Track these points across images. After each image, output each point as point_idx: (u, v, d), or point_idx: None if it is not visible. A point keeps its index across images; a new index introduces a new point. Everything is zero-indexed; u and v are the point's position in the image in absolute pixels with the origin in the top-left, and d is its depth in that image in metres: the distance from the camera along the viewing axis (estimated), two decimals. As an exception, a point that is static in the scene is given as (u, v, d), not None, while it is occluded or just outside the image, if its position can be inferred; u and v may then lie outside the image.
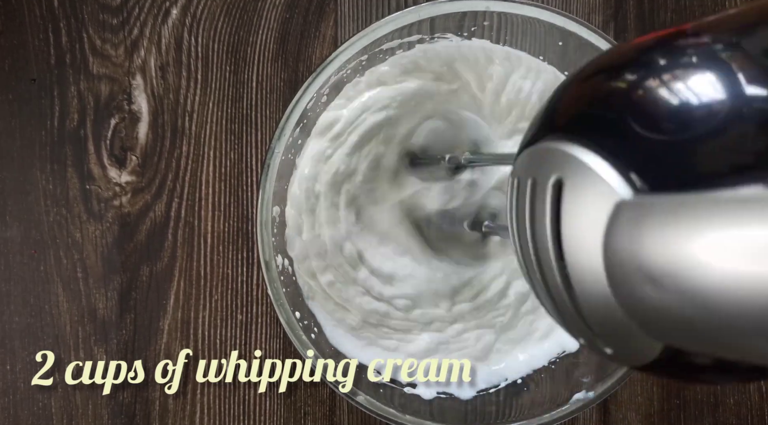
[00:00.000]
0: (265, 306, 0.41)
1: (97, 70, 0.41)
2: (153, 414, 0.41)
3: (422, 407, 0.37)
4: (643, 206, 0.15)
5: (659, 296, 0.14)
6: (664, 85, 0.15)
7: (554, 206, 0.17)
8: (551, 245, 0.18)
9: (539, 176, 0.18)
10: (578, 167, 0.16)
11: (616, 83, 0.17)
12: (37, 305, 0.41)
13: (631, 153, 0.15)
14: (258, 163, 0.41)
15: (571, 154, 0.17)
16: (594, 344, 0.19)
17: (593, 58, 0.19)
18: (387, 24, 0.33)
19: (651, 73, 0.16)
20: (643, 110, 0.15)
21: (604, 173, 0.15)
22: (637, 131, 0.15)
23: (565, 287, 0.18)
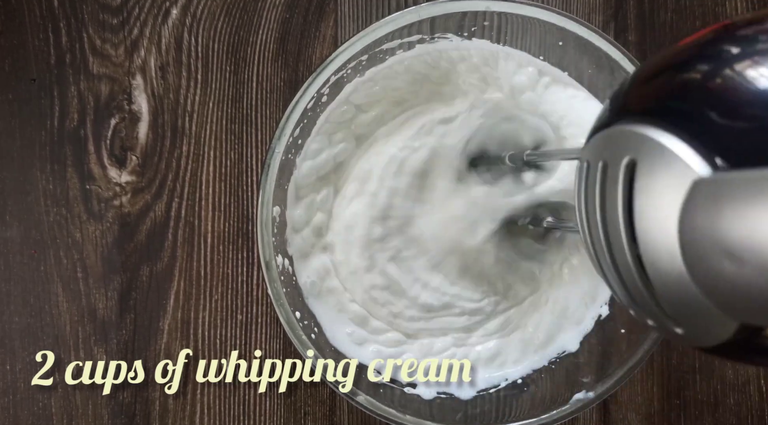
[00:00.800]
0: (265, 306, 0.41)
1: (97, 70, 0.41)
2: (153, 414, 0.41)
3: (422, 407, 0.37)
4: (721, 181, 0.15)
5: (738, 272, 0.14)
6: (739, 72, 0.16)
7: (627, 187, 0.18)
8: (623, 226, 0.18)
9: (611, 158, 0.19)
10: (653, 147, 0.17)
11: (691, 71, 0.17)
12: (37, 305, 0.41)
13: (708, 132, 0.16)
14: (258, 163, 0.41)
15: (646, 135, 0.17)
16: (665, 325, 0.19)
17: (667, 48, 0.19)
18: (387, 24, 0.33)
19: (724, 62, 0.16)
20: (720, 96, 0.16)
21: (681, 152, 0.16)
22: (715, 113, 0.16)
23: (637, 269, 0.18)
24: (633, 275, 0.18)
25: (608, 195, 0.19)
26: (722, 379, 0.42)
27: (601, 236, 0.19)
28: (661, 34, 0.42)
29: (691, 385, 0.42)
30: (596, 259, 0.21)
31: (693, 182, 0.15)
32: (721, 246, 0.14)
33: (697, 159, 0.15)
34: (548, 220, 0.35)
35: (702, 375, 0.42)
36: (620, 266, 0.19)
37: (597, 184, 0.19)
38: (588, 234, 0.21)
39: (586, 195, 0.20)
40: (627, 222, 0.18)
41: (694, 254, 0.15)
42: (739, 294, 0.15)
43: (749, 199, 0.14)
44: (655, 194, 0.17)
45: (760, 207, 0.14)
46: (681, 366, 0.42)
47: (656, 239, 0.17)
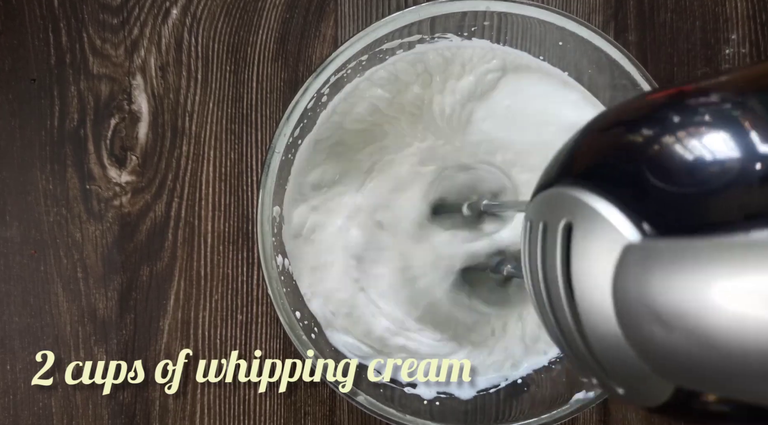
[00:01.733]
0: (265, 306, 0.41)
1: (97, 70, 0.41)
2: (153, 414, 0.41)
3: (422, 407, 0.37)
4: (650, 248, 0.15)
5: (668, 337, 0.14)
6: (676, 141, 0.16)
7: (564, 249, 0.18)
8: (562, 286, 0.18)
9: (550, 220, 0.19)
10: (587, 211, 0.17)
11: (629, 136, 0.18)
12: (37, 305, 0.41)
13: (640, 199, 0.16)
14: (258, 163, 0.41)
15: (581, 199, 0.17)
16: (607, 384, 0.19)
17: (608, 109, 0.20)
18: (387, 24, 0.33)
19: (663, 129, 0.16)
20: (654, 163, 0.16)
21: (613, 218, 0.16)
22: (648, 180, 0.16)
23: (576, 328, 0.18)
24: (573, 335, 0.18)
25: (548, 257, 0.19)
26: (722, 379, 0.42)
27: (543, 294, 0.20)
28: (661, 34, 0.42)
29: (691, 385, 0.42)
30: (540, 316, 0.21)
31: (623, 248, 0.15)
32: (651, 311, 0.15)
33: (627, 225, 0.16)
34: (508, 268, 0.36)
35: (702, 375, 0.42)
36: (562, 325, 0.19)
37: (538, 244, 0.20)
38: (532, 291, 0.21)
39: (530, 253, 0.21)
40: (566, 284, 0.18)
41: (628, 319, 0.16)
42: (669, 359, 0.15)
43: (675, 267, 0.14)
44: (589, 257, 0.17)
45: (685, 275, 0.14)
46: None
47: (593, 302, 0.17)
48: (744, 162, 0.14)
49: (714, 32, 0.42)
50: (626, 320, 0.16)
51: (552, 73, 0.37)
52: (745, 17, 0.41)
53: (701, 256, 0.14)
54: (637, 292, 0.15)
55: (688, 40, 0.42)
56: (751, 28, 0.41)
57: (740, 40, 0.41)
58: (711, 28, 0.42)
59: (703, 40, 0.42)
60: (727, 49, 0.42)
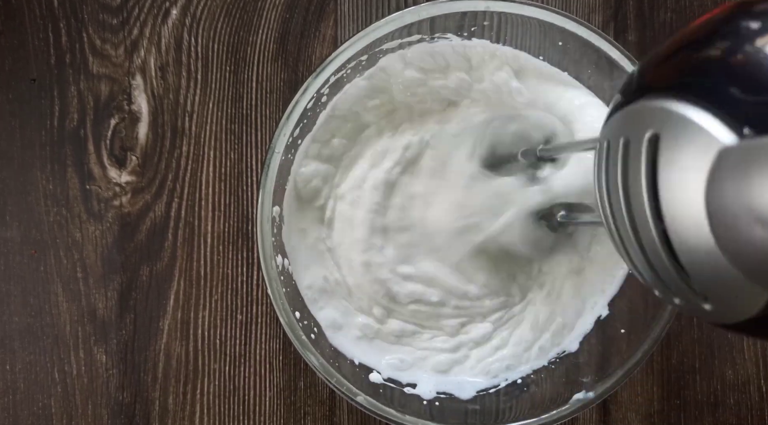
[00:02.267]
0: (265, 306, 0.41)
1: (97, 70, 0.41)
2: (153, 414, 0.41)
3: (422, 407, 0.37)
4: (748, 148, 0.15)
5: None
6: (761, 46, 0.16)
7: (650, 162, 0.18)
8: (647, 202, 0.18)
9: (632, 135, 0.18)
10: (676, 119, 0.17)
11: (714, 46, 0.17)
12: (37, 305, 0.41)
13: (732, 103, 0.16)
14: (258, 163, 0.41)
15: (668, 108, 0.17)
16: (693, 302, 0.18)
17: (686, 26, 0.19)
18: (387, 24, 0.33)
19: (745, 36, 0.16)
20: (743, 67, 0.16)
21: (705, 123, 0.16)
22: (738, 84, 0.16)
23: (663, 245, 0.18)
24: (659, 252, 0.18)
25: (631, 172, 0.19)
26: (722, 379, 0.42)
27: (625, 215, 0.19)
28: (661, 34, 0.42)
29: (691, 385, 0.42)
30: (620, 240, 0.21)
31: (719, 152, 0.15)
32: (751, 212, 0.14)
33: (722, 129, 0.15)
34: (561, 214, 0.35)
35: (702, 375, 0.42)
36: (645, 244, 0.19)
37: (619, 162, 0.19)
38: (610, 216, 0.21)
39: (607, 175, 0.20)
40: (651, 198, 0.18)
41: (723, 224, 0.15)
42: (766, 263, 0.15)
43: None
44: (680, 166, 0.17)
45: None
46: (681, 366, 0.42)
47: (683, 212, 0.17)
48: None
49: (714, 32, 0.42)
50: (721, 226, 0.15)
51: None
52: (744, 17, 0.41)
53: None
54: (736, 195, 0.15)
55: (688, 40, 0.42)
56: (750, 28, 0.41)
57: (740, 40, 0.41)
58: (711, 28, 0.42)
59: (703, 40, 0.42)
60: (727, 49, 0.41)
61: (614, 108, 0.20)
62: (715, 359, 0.42)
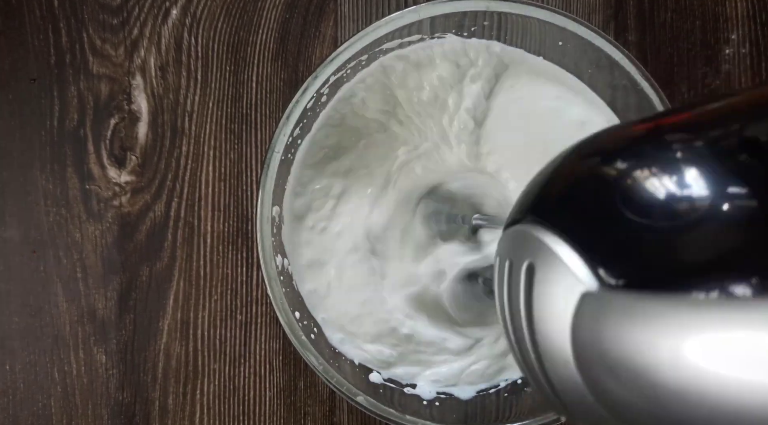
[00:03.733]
0: (265, 306, 0.41)
1: (97, 70, 0.41)
2: (153, 414, 0.41)
3: (422, 407, 0.37)
4: (605, 299, 0.15)
5: (619, 387, 0.14)
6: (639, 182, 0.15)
7: (527, 291, 0.18)
8: (525, 327, 0.18)
9: (515, 259, 0.19)
10: (548, 254, 0.17)
11: (593, 173, 0.17)
12: (37, 305, 0.41)
13: (600, 244, 0.16)
14: (258, 163, 0.41)
15: (543, 241, 0.17)
16: (573, 420, 0.19)
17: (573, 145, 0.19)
18: (387, 24, 0.33)
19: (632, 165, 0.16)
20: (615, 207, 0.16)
21: (572, 263, 0.16)
22: (609, 223, 0.16)
23: (539, 367, 0.18)
24: (537, 373, 0.18)
25: (513, 295, 0.19)
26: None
27: (511, 332, 0.20)
28: (661, 33, 0.42)
29: (691, 385, 0.42)
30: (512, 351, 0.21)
31: (581, 295, 0.15)
32: (604, 362, 0.15)
33: (586, 271, 0.15)
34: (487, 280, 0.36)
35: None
36: (527, 361, 0.19)
37: (504, 282, 0.20)
38: (503, 325, 0.21)
39: (498, 290, 0.21)
40: (529, 324, 0.18)
41: (585, 365, 0.16)
42: (622, 407, 0.15)
43: (626, 321, 0.14)
44: (550, 302, 0.17)
45: (636, 331, 0.14)
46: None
47: (553, 346, 0.17)
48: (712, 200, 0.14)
49: (714, 32, 0.42)
50: (584, 367, 0.16)
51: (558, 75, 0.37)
52: (745, 17, 0.41)
53: (653, 312, 0.14)
54: (591, 342, 0.15)
55: (688, 40, 0.42)
56: (751, 28, 0.41)
57: (740, 40, 0.41)
58: (711, 28, 0.42)
59: (703, 40, 0.42)
60: (727, 49, 0.41)
61: (508, 222, 0.21)
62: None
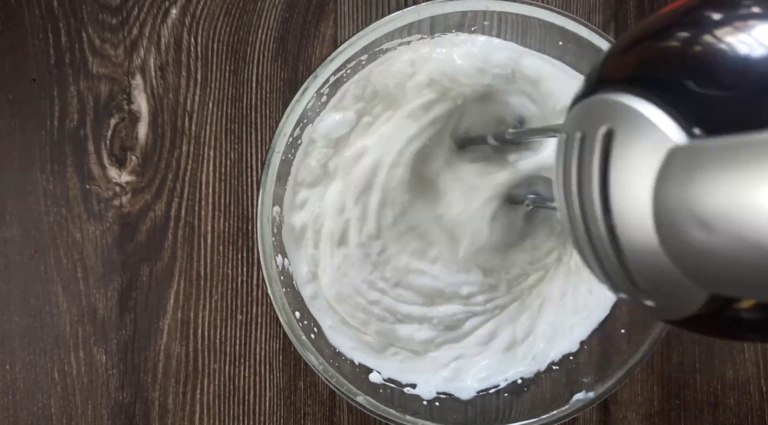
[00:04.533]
0: (265, 306, 0.41)
1: (96, 70, 0.41)
2: (153, 414, 0.41)
3: (422, 407, 0.37)
4: (697, 149, 0.15)
5: (708, 240, 0.14)
6: (718, 40, 0.15)
7: (603, 157, 0.18)
8: (597, 196, 0.18)
9: (588, 128, 0.18)
10: (630, 115, 0.16)
11: (671, 39, 0.17)
12: (37, 305, 0.41)
13: (687, 100, 0.16)
14: (258, 163, 0.41)
15: (623, 103, 0.17)
16: (636, 297, 0.19)
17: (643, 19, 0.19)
18: (387, 24, 0.33)
19: (704, 29, 0.16)
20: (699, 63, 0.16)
21: (658, 120, 0.16)
22: (694, 81, 0.15)
23: (610, 240, 0.18)
24: (606, 246, 0.18)
25: (584, 166, 0.19)
26: (722, 379, 0.42)
27: (577, 207, 0.19)
28: (661, 33, 0.42)
29: (691, 385, 0.42)
30: (572, 231, 0.21)
31: (669, 150, 0.15)
32: (693, 214, 0.14)
33: (674, 127, 0.15)
34: (530, 197, 0.35)
35: (702, 375, 0.42)
36: (594, 238, 0.19)
37: (574, 155, 0.19)
38: (565, 207, 0.21)
39: (564, 167, 0.20)
40: (602, 192, 0.18)
41: (667, 223, 0.15)
42: (708, 263, 0.15)
43: (722, 166, 0.14)
44: (630, 163, 0.17)
45: (733, 174, 0.14)
46: (681, 366, 0.42)
47: (630, 209, 0.17)
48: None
49: (714, 32, 0.42)
50: (665, 225, 0.15)
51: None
52: (745, 17, 0.41)
53: (750, 153, 0.13)
54: (680, 195, 0.15)
55: (688, 39, 0.42)
56: (751, 28, 0.41)
57: (740, 39, 0.41)
58: (711, 27, 0.42)
59: (703, 40, 0.42)
60: (727, 48, 0.41)
61: (576, 99, 0.20)
62: (715, 359, 0.42)
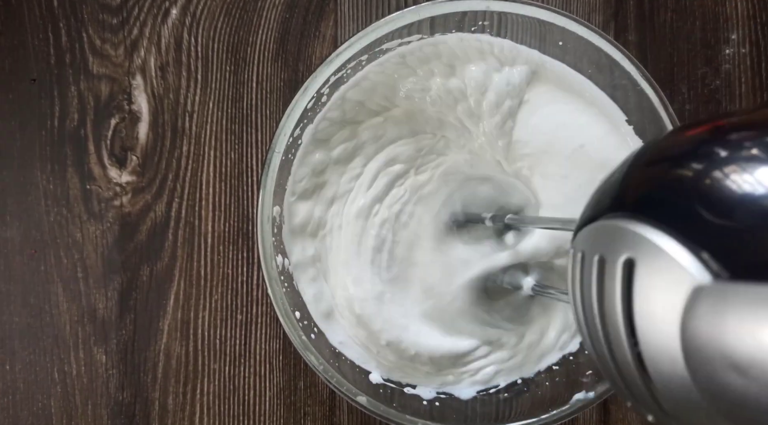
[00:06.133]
0: (265, 306, 0.41)
1: (97, 70, 0.41)
2: (153, 414, 0.41)
3: (422, 407, 0.37)
4: (724, 292, 0.14)
5: (744, 385, 0.14)
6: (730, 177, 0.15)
7: (626, 286, 0.17)
8: (623, 324, 0.18)
9: (608, 254, 0.18)
10: (651, 248, 0.16)
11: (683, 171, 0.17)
12: (37, 306, 0.41)
13: (707, 238, 0.15)
14: (258, 163, 0.41)
15: (643, 235, 0.17)
16: (662, 420, 0.18)
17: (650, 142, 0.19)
18: (387, 24, 0.33)
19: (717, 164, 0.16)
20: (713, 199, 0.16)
21: (680, 257, 0.16)
22: (710, 217, 0.15)
23: (636, 367, 0.18)
24: (633, 372, 0.18)
25: (606, 291, 0.18)
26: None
27: (599, 330, 0.19)
28: (661, 34, 0.42)
29: (691, 385, 0.42)
30: (593, 351, 0.21)
31: (693, 289, 0.15)
32: (726, 358, 0.14)
33: (696, 265, 0.15)
34: (534, 287, 0.35)
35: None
36: (619, 361, 0.19)
37: (593, 278, 0.19)
38: (585, 326, 0.20)
39: (582, 287, 0.20)
40: (627, 320, 0.17)
41: (698, 362, 0.15)
42: (745, 407, 0.14)
43: (753, 313, 0.14)
44: (655, 296, 0.16)
45: (762, 321, 0.13)
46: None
47: (658, 341, 0.16)
48: None
49: (714, 32, 0.42)
50: (696, 363, 0.15)
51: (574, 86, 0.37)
52: (745, 17, 0.41)
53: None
54: (710, 337, 0.14)
55: (688, 40, 0.42)
56: (751, 28, 0.41)
57: (740, 40, 0.41)
58: (711, 28, 0.42)
59: (703, 40, 0.42)
60: (727, 49, 0.41)
61: (589, 217, 0.20)
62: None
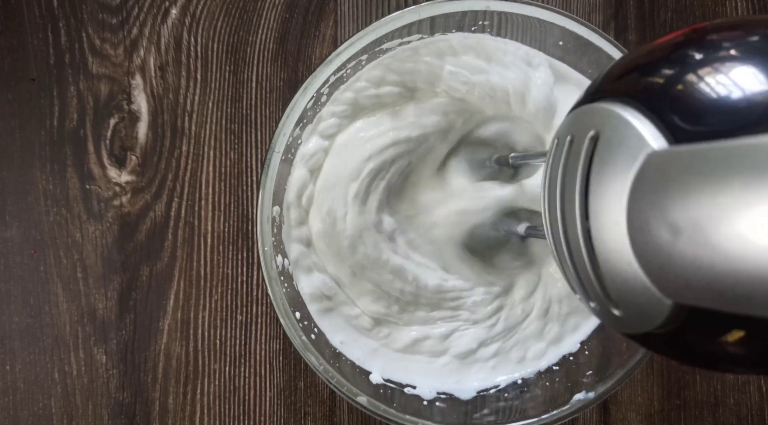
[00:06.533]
0: (265, 306, 0.41)
1: (96, 70, 0.41)
2: (153, 414, 0.41)
3: (422, 407, 0.37)
4: (672, 154, 0.15)
5: (674, 242, 0.15)
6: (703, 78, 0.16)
7: (587, 160, 0.18)
8: (578, 198, 0.18)
9: (578, 132, 0.19)
10: (616, 120, 0.17)
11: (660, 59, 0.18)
12: (37, 306, 0.41)
13: (669, 110, 0.16)
14: (258, 163, 0.41)
15: (611, 109, 0.18)
16: (605, 306, 0.19)
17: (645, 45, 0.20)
18: (387, 24, 0.33)
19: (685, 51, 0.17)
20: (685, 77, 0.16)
21: (640, 126, 0.16)
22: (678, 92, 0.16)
23: (585, 243, 0.18)
24: (581, 249, 0.19)
25: (569, 168, 0.19)
26: (722, 379, 0.42)
27: (558, 209, 0.20)
28: (661, 33, 0.42)
29: (691, 385, 0.42)
30: (550, 233, 0.21)
31: (647, 155, 0.16)
32: (663, 217, 0.15)
33: (655, 133, 0.16)
34: (527, 229, 0.35)
35: (702, 375, 0.42)
36: (571, 240, 0.19)
37: (562, 158, 0.20)
38: (546, 208, 0.21)
39: (551, 169, 0.21)
40: (582, 195, 0.18)
41: (639, 226, 0.16)
42: (673, 267, 0.15)
43: (696, 171, 0.14)
44: (611, 166, 0.17)
45: (705, 178, 0.14)
46: (681, 366, 0.42)
47: (606, 211, 0.17)
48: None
49: (714, 32, 0.42)
50: (637, 228, 0.16)
51: None
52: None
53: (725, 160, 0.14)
54: (654, 199, 0.15)
55: (689, 39, 0.42)
56: (751, 28, 0.41)
57: (740, 39, 0.41)
58: (711, 27, 0.42)
59: (703, 40, 0.42)
60: (727, 48, 0.41)
61: (572, 109, 0.21)
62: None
